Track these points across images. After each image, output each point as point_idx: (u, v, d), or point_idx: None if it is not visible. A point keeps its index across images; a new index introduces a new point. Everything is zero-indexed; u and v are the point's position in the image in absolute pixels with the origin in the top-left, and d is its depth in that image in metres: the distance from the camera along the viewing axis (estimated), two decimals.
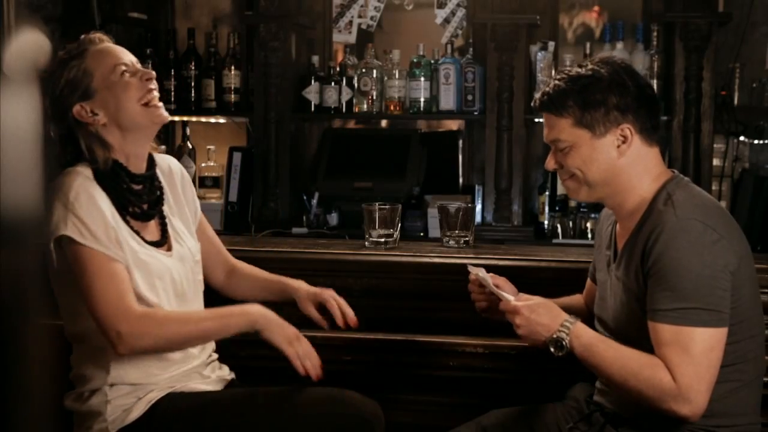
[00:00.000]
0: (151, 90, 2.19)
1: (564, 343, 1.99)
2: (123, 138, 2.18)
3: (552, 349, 2.01)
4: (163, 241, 2.21)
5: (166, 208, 2.27)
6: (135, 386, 2.13)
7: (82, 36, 2.22)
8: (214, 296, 2.43)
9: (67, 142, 2.17)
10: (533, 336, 2.03)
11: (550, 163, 2.11)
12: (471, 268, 2.27)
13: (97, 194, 2.10)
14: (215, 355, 2.32)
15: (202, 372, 2.25)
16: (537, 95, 2.13)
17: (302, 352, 2.14)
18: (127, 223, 2.15)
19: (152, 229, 2.22)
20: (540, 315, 2.02)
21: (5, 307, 0.76)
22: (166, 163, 2.35)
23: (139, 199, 2.19)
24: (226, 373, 2.33)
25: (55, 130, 2.17)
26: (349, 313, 2.32)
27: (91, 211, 2.06)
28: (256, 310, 2.15)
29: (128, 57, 2.22)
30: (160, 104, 2.21)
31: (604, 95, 2.02)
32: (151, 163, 2.27)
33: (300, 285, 2.39)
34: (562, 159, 2.08)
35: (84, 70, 2.16)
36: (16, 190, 0.76)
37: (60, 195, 2.06)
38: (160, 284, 2.15)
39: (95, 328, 2.08)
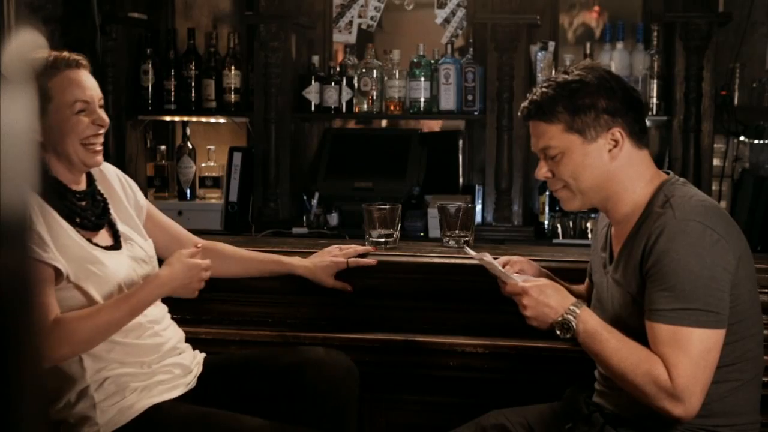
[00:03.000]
0: (97, 135, 2.22)
1: (572, 325, 1.98)
2: (57, 161, 2.21)
3: (558, 332, 2.00)
4: (117, 246, 2.26)
5: (113, 215, 2.31)
6: (118, 381, 2.15)
7: (64, 53, 2.21)
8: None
9: None
10: (540, 318, 2.02)
11: (542, 171, 2.09)
12: (473, 254, 2.22)
13: (36, 204, 2.10)
14: (185, 344, 2.37)
15: (183, 362, 2.29)
16: (523, 104, 2.10)
17: (203, 285, 2.25)
18: (78, 232, 2.18)
19: (104, 236, 2.26)
20: (548, 297, 2.01)
21: (3, 307, 0.76)
22: (100, 171, 2.37)
23: (84, 212, 2.23)
24: (200, 359, 2.39)
25: None
26: (362, 260, 2.59)
27: None
28: (162, 281, 2.18)
29: (91, 93, 2.21)
30: (100, 149, 2.23)
31: (593, 99, 2.01)
32: (90, 179, 2.30)
33: (301, 263, 2.57)
34: (553, 167, 2.07)
35: (45, 91, 2.15)
36: (14, 191, 0.76)
37: None
38: (116, 284, 2.18)
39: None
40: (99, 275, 2.15)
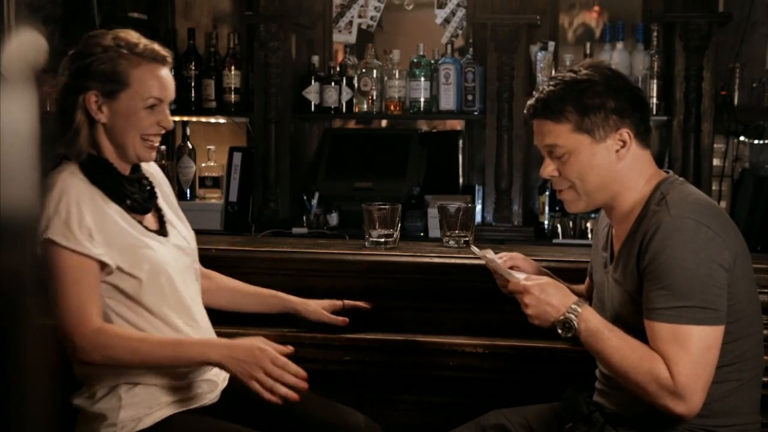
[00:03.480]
0: (157, 134, 2.21)
1: (573, 324, 1.98)
2: (110, 147, 2.19)
3: (560, 331, 1.99)
4: (163, 231, 2.25)
5: (160, 199, 2.31)
6: (148, 389, 2.12)
7: (155, 46, 2.19)
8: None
9: (64, 110, 2.15)
10: (542, 316, 2.01)
11: (548, 169, 2.07)
12: (477, 251, 2.23)
13: (86, 193, 2.11)
14: None
15: (213, 379, 2.25)
16: (529, 102, 2.09)
17: (269, 383, 2.03)
18: (129, 214, 2.17)
19: (151, 220, 2.25)
20: (550, 295, 2.01)
21: (4, 307, 0.76)
22: (148, 165, 2.36)
23: (134, 195, 2.21)
24: (226, 375, 2.31)
25: (61, 92, 2.15)
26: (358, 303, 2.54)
27: (72, 212, 2.07)
28: (216, 345, 2.10)
29: (167, 92, 2.19)
30: (156, 146, 2.22)
31: (603, 99, 2.01)
32: (136, 167, 2.29)
33: (299, 299, 2.50)
34: (560, 166, 2.06)
35: (125, 77, 2.14)
36: (15, 191, 0.76)
37: (46, 197, 2.06)
38: (164, 270, 2.16)
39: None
40: (149, 260, 2.13)
